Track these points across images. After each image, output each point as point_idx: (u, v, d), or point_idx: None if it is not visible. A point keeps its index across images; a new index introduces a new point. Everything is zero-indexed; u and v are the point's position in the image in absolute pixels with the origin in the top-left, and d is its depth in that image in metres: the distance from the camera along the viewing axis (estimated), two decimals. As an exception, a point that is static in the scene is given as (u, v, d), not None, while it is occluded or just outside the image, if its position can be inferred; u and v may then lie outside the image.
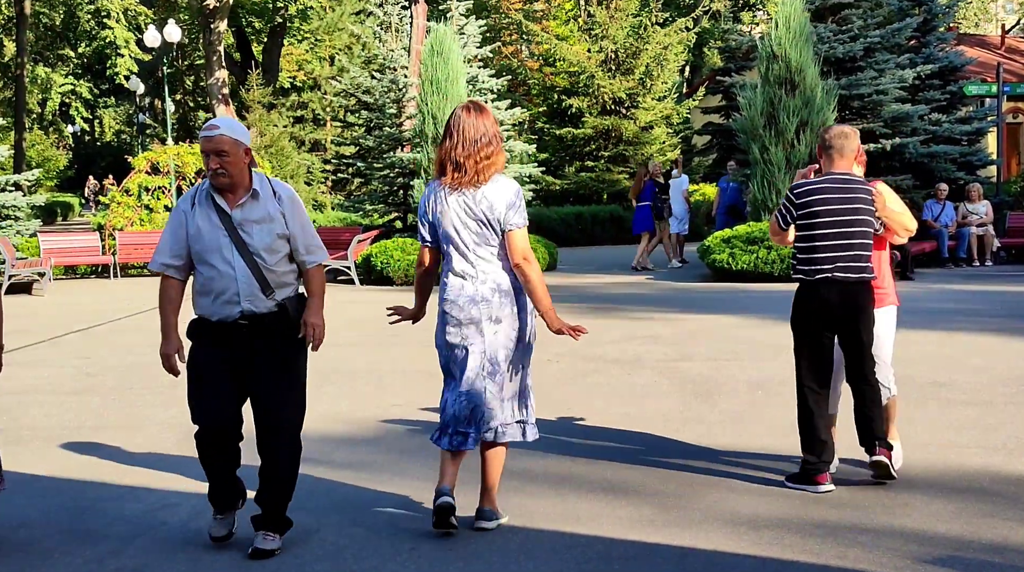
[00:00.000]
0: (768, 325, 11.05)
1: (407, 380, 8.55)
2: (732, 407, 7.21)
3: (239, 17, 35.73)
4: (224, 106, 27.57)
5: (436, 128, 17.23)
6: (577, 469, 5.74)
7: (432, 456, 6.15)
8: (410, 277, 16.91)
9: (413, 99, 20.82)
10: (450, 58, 17.33)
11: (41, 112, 47.94)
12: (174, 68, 39.82)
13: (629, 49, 26.68)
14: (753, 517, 4.86)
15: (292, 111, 35.40)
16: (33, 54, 40.28)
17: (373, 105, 22.68)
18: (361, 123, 23.86)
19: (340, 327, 11.92)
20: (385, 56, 22.48)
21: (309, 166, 31.95)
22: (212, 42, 27.29)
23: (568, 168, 27.64)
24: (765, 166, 16.75)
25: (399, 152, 21.38)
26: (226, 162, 4.37)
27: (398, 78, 21.84)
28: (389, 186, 21.54)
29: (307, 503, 5.27)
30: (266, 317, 4.49)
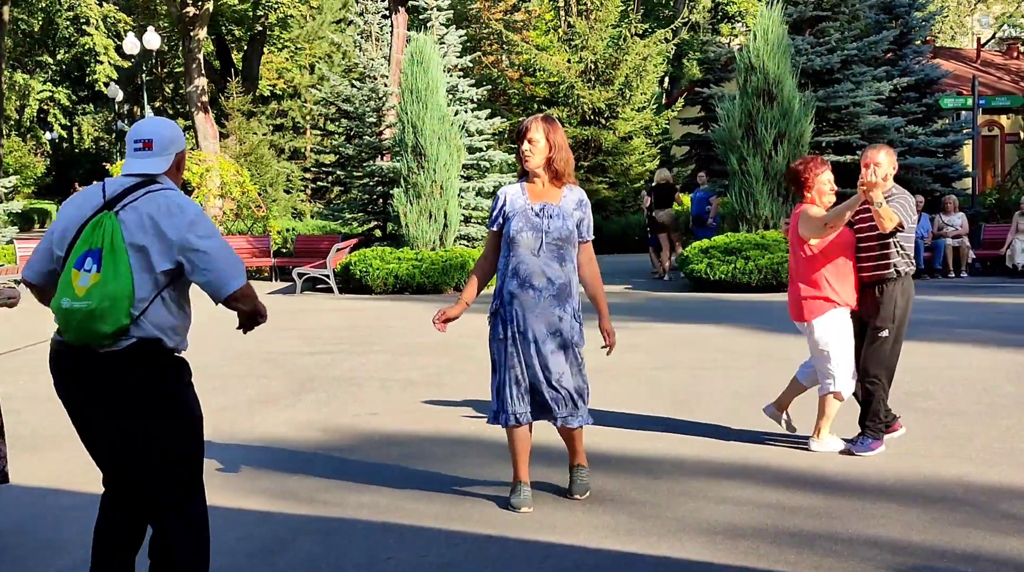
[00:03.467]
0: (746, 334, 11.10)
1: (385, 389, 8.54)
2: (710, 416, 7.24)
3: (219, 25, 35.64)
4: (203, 113, 27.48)
5: (416, 137, 17.24)
6: (553, 478, 5.75)
7: (408, 465, 6.15)
8: (388, 285, 16.90)
9: (393, 108, 20.82)
10: (430, 67, 17.34)
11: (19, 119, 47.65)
12: (153, 75, 39.69)
13: (609, 60, 26.77)
14: (729, 527, 4.88)
15: (272, 119, 35.35)
16: (11, 60, 40.05)
17: (353, 114, 22.67)
18: (341, 132, 23.84)
19: (318, 335, 11.90)
20: (365, 65, 22.47)
21: (289, 174, 31.90)
22: (192, 50, 27.21)
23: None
24: (743, 177, 16.83)
25: (379, 161, 21.37)
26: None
27: (378, 87, 21.84)
28: (369, 194, 21.53)
29: (281, 514, 5.26)
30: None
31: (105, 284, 3.46)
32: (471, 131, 20.68)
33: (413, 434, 6.96)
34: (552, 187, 5.13)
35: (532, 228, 5.01)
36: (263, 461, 6.31)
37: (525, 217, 5.04)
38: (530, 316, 5.00)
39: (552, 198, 5.09)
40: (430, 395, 8.23)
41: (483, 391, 8.28)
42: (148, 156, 3.72)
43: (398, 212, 17.66)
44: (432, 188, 17.38)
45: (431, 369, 9.37)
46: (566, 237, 5.03)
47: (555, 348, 5.01)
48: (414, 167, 17.39)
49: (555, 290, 5.00)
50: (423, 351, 10.44)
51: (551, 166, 5.08)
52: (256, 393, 8.47)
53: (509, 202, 5.13)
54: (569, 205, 5.09)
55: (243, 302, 3.72)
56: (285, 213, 28.39)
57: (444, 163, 17.41)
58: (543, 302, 4.99)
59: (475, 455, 6.35)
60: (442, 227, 17.61)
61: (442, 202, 17.50)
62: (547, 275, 5.00)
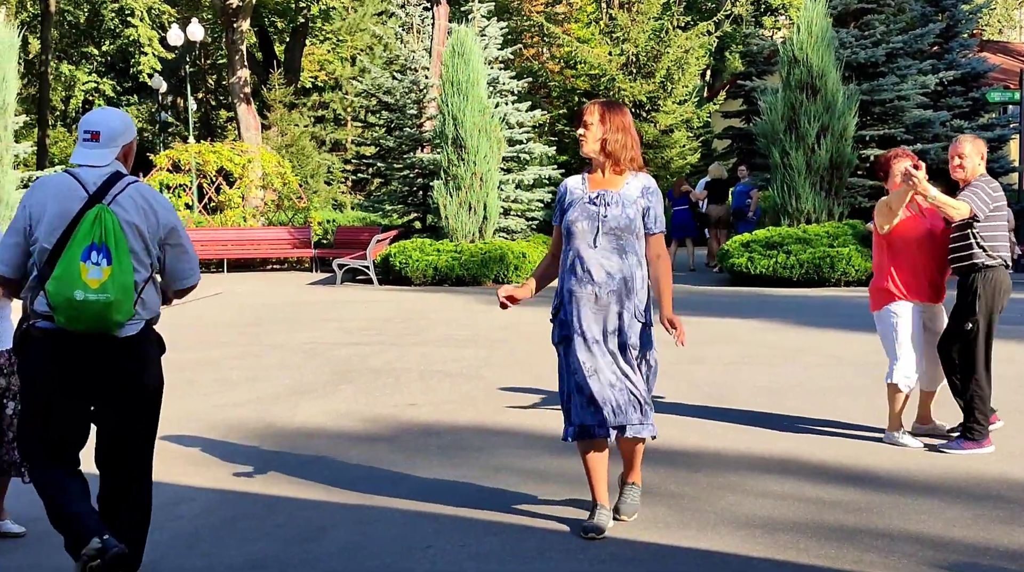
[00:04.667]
0: (787, 329, 11.02)
1: (423, 380, 8.56)
2: (750, 411, 7.19)
3: (262, 17, 35.85)
4: (246, 105, 27.65)
5: (456, 129, 17.27)
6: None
7: (447, 455, 6.17)
8: (427, 277, 16.94)
9: (434, 100, 20.84)
10: (471, 59, 17.35)
11: (64, 109, 48.23)
12: (196, 67, 40.01)
13: (650, 52, 26.63)
14: (769, 520, 4.85)
15: (313, 111, 35.49)
16: (57, 51, 40.52)
17: (394, 106, 22.71)
18: (381, 124, 23.90)
19: (358, 326, 11.96)
20: (406, 57, 22.50)
21: (329, 166, 32.04)
22: (235, 41, 27.38)
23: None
24: (785, 171, 16.70)
25: (419, 153, 21.40)
26: None
27: (419, 79, 21.87)
28: (409, 186, 21.58)
29: (319, 501, 5.30)
30: None
31: (116, 276, 3.72)
32: (511, 123, 20.66)
33: (451, 425, 6.98)
34: (613, 174, 4.72)
35: (587, 217, 4.62)
36: (302, 449, 6.35)
37: (582, 207, 4.66)
38: (588, 314, 4.59)
39: (612, 185, 4.69)
40: (468, 387, 8.25)
41: (520, 383, 8.29)
42: (95, 147, 3.90)
43: (438, 204, 17.69)
44: (472, 180, 17.40)
45: (469, 361, 9.38)
46: (625, 226, 4.59)
47: (616, 350, 4.61)
48: (454, 159, 17.42)
49: (615, 285, 4.57)
50: (461, 343, 10.46)
51: (606, 150, 4.68)
52: (295, 383, 8.53)
53: (570, 193, 4.78)
54: (632, 192, 4.66)
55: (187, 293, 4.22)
56: (326, 204, 28.52)
57: (484, 155, 17.42)
58: (602, 299, 4.58)
59: (514, 446, 6.36)
60: (481, 219, 17.63)
61: (482, 194, 17.52)
62: (605, 269, 4.57)
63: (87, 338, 3.79)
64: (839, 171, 16.73)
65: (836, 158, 16.60)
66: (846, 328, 10.94)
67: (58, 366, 3.83)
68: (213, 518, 5.03)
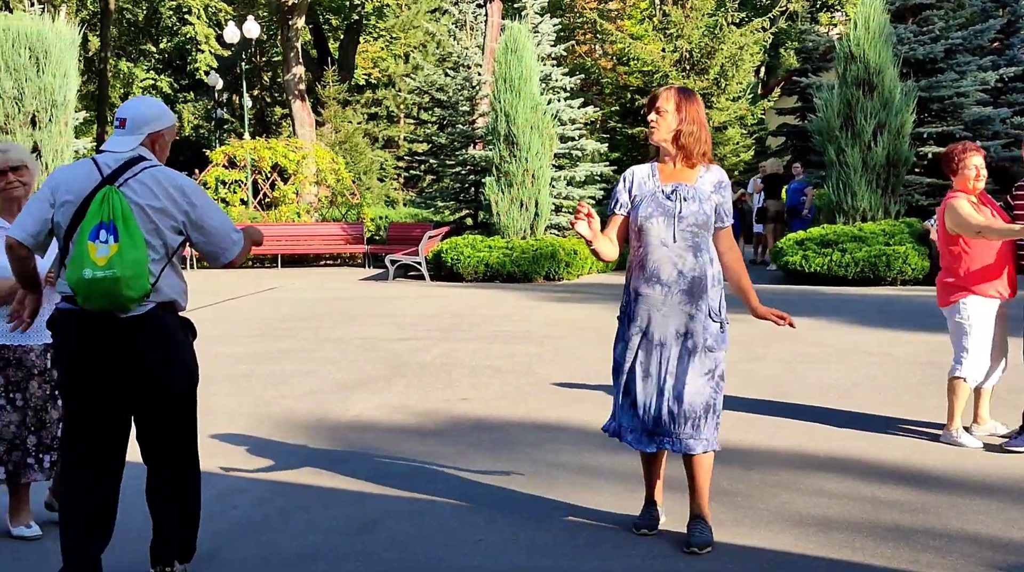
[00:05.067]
0: (841, 328, 10.90)
1: (475, 375, 8.59)
2: (803, 409, 7.13)
3: (316, 14, 36.13)
4: (300, 102, 27.89)
5: (508, 126, 17.28)
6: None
7: (498, 450, 6.18)
8: (479, 273, 16.98)
9: (486, 97, 20.88)
10: (524, 56, 17.36)
11: (122, 106, 48.90)
12: (252, 64, 40.41)
13: (704, 49, 26.45)
14: (823, 519, 4.80)
15: (366, 108, 35.72)
16: (116, 49, 41.15)
17: (446, 102, 22.80)
18: (434, 120, 24.00)
19: (410, 321, 12.01)
20: (459, 54, 22.57)
21: (382, 162, 32.24)
22: (290, 38, 27.63)
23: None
24: (841, 168, 16.51)
25: (471, 149, 21.46)
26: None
27: (472, 76, 21.92)
28: (461, 183, 21.65)
29: (372, 494, 5.33)
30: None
31: (125, 252, 3.70)
32: (563, 120, 20.65)
33: (503, 419, 6.99)
34: (685, 167, 4.47)
35: (663, 213, 4.37)
36: (355, 443, 6.40)
37: (655, 201, 4.39)
38: (657, 315, 4.37)
39: (686, 179, 4.45)
40: (519, 382, 8.26)
41: (572, 379, 8.29)
42: (121, 134, 3.93)
43: (489, 200, 17.73)
44: (524, 177, 17.41)
45: (520, 357, 9.39)
46: (703, 223, 4.37)
47: (684, 353, 4.37)
48: (506, 155, 17.44)
49: (687, 285, 4.35)
50: (512, 339, 10.47)
51: (679, 141, 4.42)
52: (348, 377, 8.59)
53: (636, 184, 4.49)
54: (706, 187, 4.44)
55: (241, 258, 4.07)
56: (378, 201, 28.69)
57: (536, 152, 17.43)
58: (673, 299, 4.35)
59: (566, 441, 6.35)
60: (533, 216, 17.63)
61: (533, 191, 17.52)
62: (678, 267, 4.35)
63: (98, 317, 3.77)
64: (896, 168, 16.51)
65: (893, 155, 16.38)
66: (902, 327, 10.80)
67: (75, 347, 3.85)
68: (268, 509, 5.08)
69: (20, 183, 4.66)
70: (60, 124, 16.58)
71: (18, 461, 4.62)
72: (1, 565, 4.40)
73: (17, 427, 4.61)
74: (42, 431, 4.65)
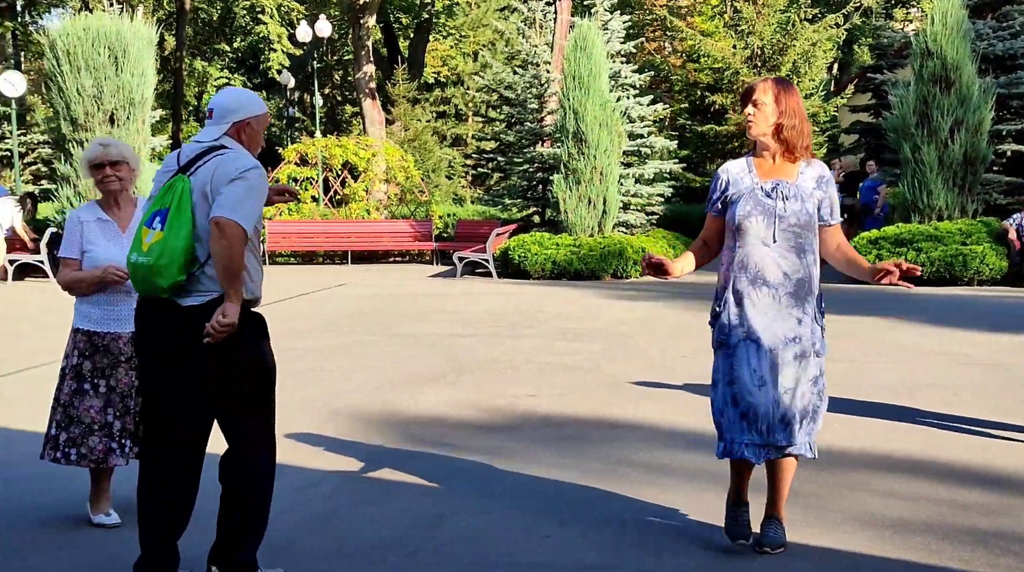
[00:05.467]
0: (913, 328, 10.71)
1: (542, 372, 8.58)
2: (873, 409, 7.01)
3: (387, 13, 36.40)
4: (371, 100, 28.11)
5: (577, 123, 17.25)
6: (716, 466, 5.66)
7: (565, 446, 6.17)
8: (546, 271, 16.97)
9: (555, 94, 20.86)
10: (593, 53, 17.31)
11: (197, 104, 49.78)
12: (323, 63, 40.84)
13: (776, 45, 26.15)
14: (898, 521, 4.71)
15: (435, 106, 35.92)
16: (191, 48, 41.88)
17: (514, 100, 22.82)
18: (502, 118, 24.04)
19: (477, 318, 12.05)
20: (528, 52, 22.58)
21: (450, 160, 32.39)
22: (361, 37, 27.86)
23: (709, 165, 27.29)
24: (916, 166, 16.23)
25: (539, 147, 21.46)
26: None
27: (540, 73, 21.92)
28: (528, 181, 21.66)
29: (441, 488, 5.36)
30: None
31: (165, 241, 3.74)
32: (632, 117, 20.55)
33: (570, 416, 6.98)
34: (785, 162, 4.25)
35: (763, 212, 4.16)
36: (423, 438, 6.43)
37: (754, 199, 4.19)
38: (762, 319, 4.15)
39: (786, 175, 4.23)
40: (586, 380, 8.24)
41: (640, 377, 8.24)
42: (208, 124, 3.97)
43: (557, 198, 17.71)
44: (592, 174, 17.37)
45: (587, 354, 9.37)
46: (805, 223, 4.16)
47: (791, 358, 4.17)
48: (574, 153, 17.41)
49: (792, 287, 4.15)
50: (579, 337, 10.45)
51: (780, 135, 4.20)
52: (416, 372, 8.64)
53: (732, 181, 4.28)
54: (808, 183, 4.22)
55: (220, 237, 3.68)
56: (446, 198, 28.83)
57: (605, 149, 17.37)
58: (779, 302, 4.15)
59: (634, 439, 6.32)
60: (601, 214, 17.58)
61: (601, 188, 17.47)
62: (783, 269, 4.14)
63: (161, 305, 3.82)
64: (973, 167, 16.17)
65: (970, 153, 16.05)
66: (977, 328, 10.58)
67: (140, 333, 3.95)
68: (340, 502, 5.13)
69: (116, 178, 4.77)
70: (138, 122, 16.92)
71: (94, 446, 4.71)
72: (82, 552, 4.50)
73: (97, 412, 4.70)
74: (126, 417, 4.74)
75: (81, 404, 4.71)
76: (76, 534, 4.72)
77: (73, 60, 16.45)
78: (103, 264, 4.69)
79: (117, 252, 4.71)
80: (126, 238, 4.77)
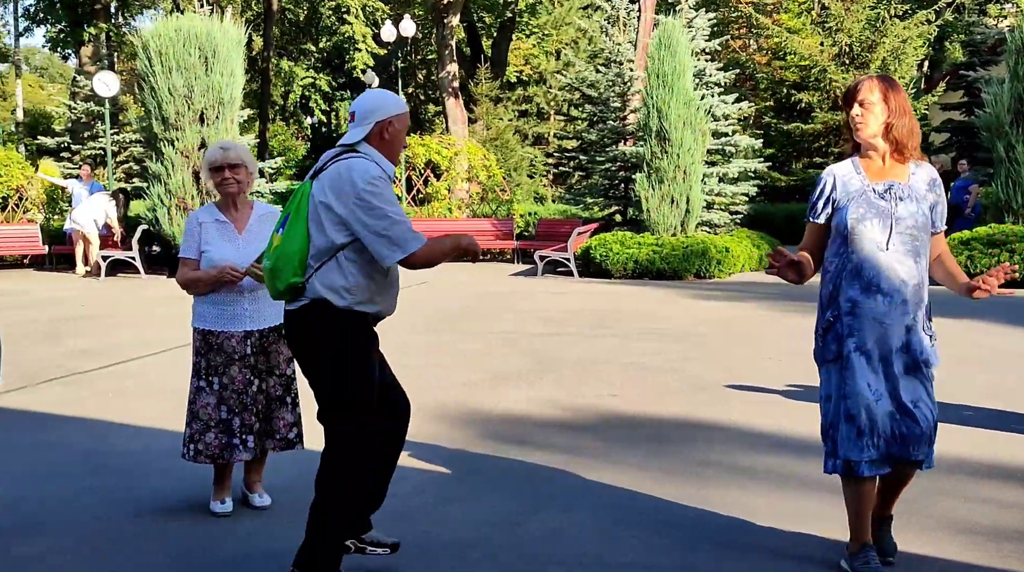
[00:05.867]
0: (1007, 332, 10.42)
1: (623, 371, 8.53)
2: (966, 414, 6.84)
3: (471, 12, 36.56)
4: (454, 99, 28.25)
5: (660, 121, 17.14)
6: (801, 468, 5.58)
7: (647, 447, 6.13)
8: (627, 270, 16.86)
9: (638, 93, 20.76)
10: (678, 51, 17.17)
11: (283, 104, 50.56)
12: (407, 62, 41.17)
13: (865, 42, 25.70)
14: (991, 528, 4.58)
15: (517, 105, 35.96)
16: (278, 48, 42.55)
17: (597, 99, 22.75)
18: (584, 117, 23.97)
19: (558, 317, 12.04)
20: (611, 50, 22.49)
21: (532, 159, 32.40)
22: (444, 36, 28.02)
23: (795, 164, 26.93)
24: (1010, 165, 15.81)
25: (621, 146, 21.37)
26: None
27: (623, 72, 21.82)
28: (610, 179, 21.58)
29: (523, 486, 5.35)
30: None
31: (283, 245, 3.84)
32: (717, 116, 20.35)
33: (652, 416, 6.92)
34: (895, 163, 4.04)
35: (877, 214, 3.94)
36: (505, 436, 6.44)
37: (866, 201, 3.97)
38: (878, 329, 3.94)
39: (898, 176, 4.02)
40: (668, 380, 8.17)
41: (723, 380, 8.15)
42: (352, 127, 3.99)
43: (639, 197, 17.62)
44: (675, 173, 17.24)
45: (668, 354, 9.29)
46: (922, 226, 3.95)
47: (906, 368, 3.98)
48: (657, 152, 17.30)
49: (908, 294, 3.93)
50: (662, 336, 10.37)
51: (889, 135, 4.00)
52: (498, 371, 8.65)
53: (840, 185, 4.05)
54: (920, 185, 4.01)
55: (420, 266, 3.91)
56: (528, 197, 28.86)
57: (688, 148, 17.23)
58: (895, 310, 3.93)
59: (717, 440, 6.25)
60: (684, 213, 17.43)
61: (685, 187, 17.33)
62: (900, 275, 3.92)
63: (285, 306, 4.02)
64: (1070, 166, 15.70)
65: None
66: (1077, 332, 10.26)
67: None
68: (424, 498, 5.16)
69: (235, 180, 4.89)
70: (227, 121, 17.23)
71: (210, 442, 4.85)
72: (196, 539, 4.60)
73: (213, 409, 4.83)
74: (243, 413, 4.86)
75: (199, 401, 4.86)
76: (185, 523, 4.82)
77: (165, 60, 16.82)
78: (219, 264, 4.81)
79: (233, 252, 4.83)
80: (242, 239, 4.89)
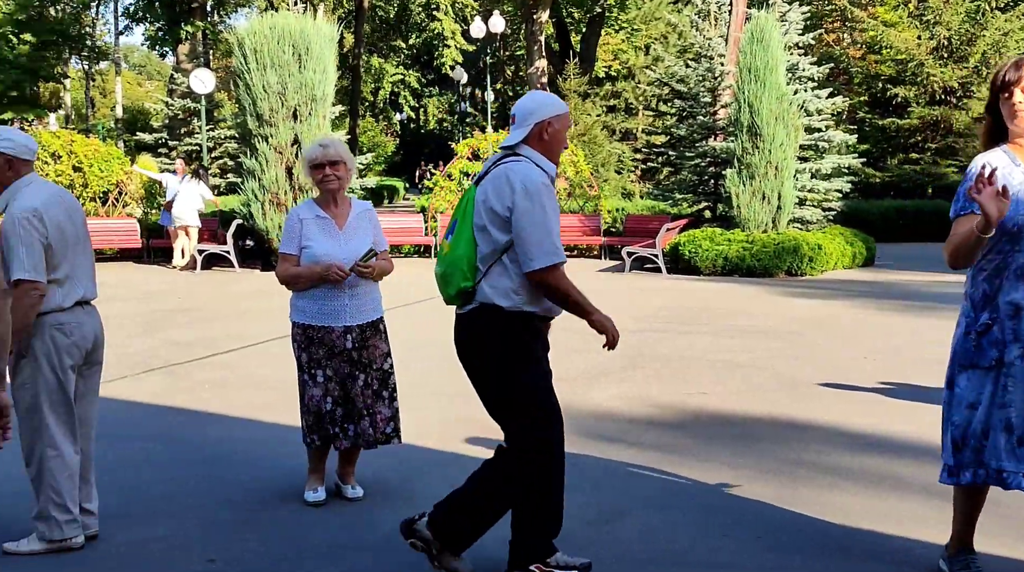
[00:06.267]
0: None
1: (713, 369, 8.47)
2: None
3: (559, 8, 36.57)
4: (541, 95, 28.34)
5: (752, 117, 16.94)
6: (898, 470, 5.49)
7: (740, 445, 6.07)
8: (717, 267, 16.70)
9: (728, 88, 20.54)
10: (770, 45, 16.94)
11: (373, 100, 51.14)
12: (496, 58, 41.34)
13: (964, 35, 25.08)
14: (1098, 537, 4.46)
15: (605, 100, 35.84)
16: (368, 45, 43.07)
17: (686, 94, 22.57)
18: (673, 112, 23.81)
19: (647, 313, 11.99)
20: (701, 44, 22.30)
21: (620, 155, 32.28)
22: (533, 32, 28.10)
23: (890, 160, 26.39)
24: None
25: (711, 141, 21.17)
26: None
27: (714, 66, 21.61)
28: (699, 175, 21.39)
29: (616, 484, 5.36)
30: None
31: (452, 249, 3.89)
32: (809, 111, 20.03)
33: (744, 415, 6.87)
34: None
35: None
36: (597, 433, 6.44)
37: None
38: None
39: None
40: (759, 378, 8.09)
41: (815, 378, 8.03)
42: (512, 129, 4.02)
43: (730, 193, 17.43)
44: (767, 169, 17.01)
45: (760, 352, 9.19)
46: None
47: None
48: (748, 147, 17.09)
49: None
50: (752, 334, 10.26)
51: None
52: (588, 367, 8.65)
53: (1000, 178, 3.61)
54: None
55: (548, 287, 3.87)
56: (615, 193, 28.74)
57: (780, 143, 16.99)
58: None
59: (812, 440, 6.18)
60: (775, 209, 17.20)
61: (776, 183, 17.09)
62: None
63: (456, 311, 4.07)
64: None
65: None
66: None
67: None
68: (513, 492, 5.19)
69: (335, 177, 5.00)
70: (319, 117, 17.50)
71: (321, 432, 5.00)
72: (288, 528, 4.71)
73: (319, 400, 4.96)
74: (347, 404, 4.98)
75: (307, 393, 5.00)
76: (278, 512, 4.94)
77: (259, 58, 17.12)
78: (321, 259, 4.90)
79: (334, 248, 4.94)
80: (343, 235, 4.99)
